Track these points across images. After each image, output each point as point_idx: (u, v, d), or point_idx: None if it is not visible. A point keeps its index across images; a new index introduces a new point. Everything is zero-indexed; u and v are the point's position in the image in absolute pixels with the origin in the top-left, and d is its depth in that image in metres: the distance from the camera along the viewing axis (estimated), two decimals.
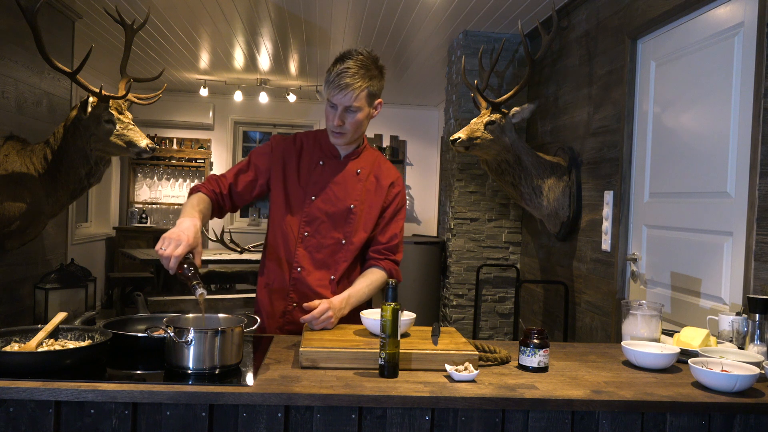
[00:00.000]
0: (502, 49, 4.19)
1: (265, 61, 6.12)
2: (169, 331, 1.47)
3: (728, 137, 2.51)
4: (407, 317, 1.78)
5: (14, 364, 1.42)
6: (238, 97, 7.38)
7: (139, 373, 1.54)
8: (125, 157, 6.19)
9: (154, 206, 8.08)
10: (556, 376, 1.61)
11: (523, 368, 1.65)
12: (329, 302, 1.87)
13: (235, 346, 1.52)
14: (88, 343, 1.60)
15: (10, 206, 3.46)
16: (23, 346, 1.55)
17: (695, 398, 1.46)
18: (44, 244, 4.33)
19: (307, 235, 2.02)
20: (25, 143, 3.71)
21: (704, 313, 2.58)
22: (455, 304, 4.96)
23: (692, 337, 1.87)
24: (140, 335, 1.63)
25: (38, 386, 1.33)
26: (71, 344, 1.60)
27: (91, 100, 3.35)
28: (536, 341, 1.64)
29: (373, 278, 2.03)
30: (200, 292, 1.60)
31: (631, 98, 3.29)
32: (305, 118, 8.21)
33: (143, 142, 3.42)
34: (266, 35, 5.20)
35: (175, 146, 7.93)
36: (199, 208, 1.87)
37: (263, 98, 7.22)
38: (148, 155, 3.46)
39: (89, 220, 7.12)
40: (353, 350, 1.61)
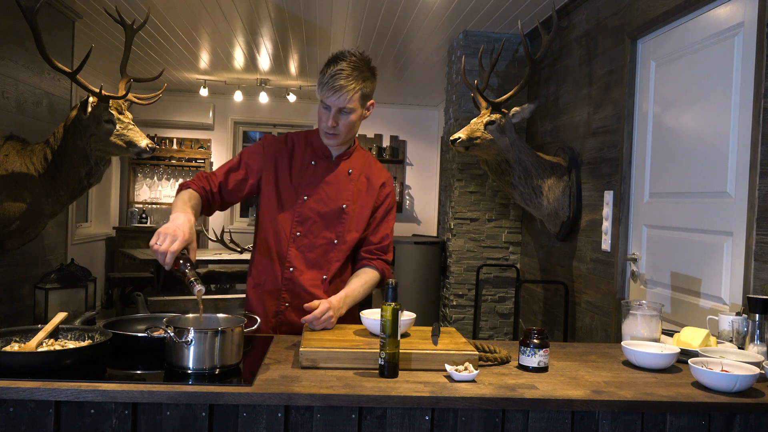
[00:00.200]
0: (502, 49, 4.18)
1: (265, 61, 6.11)
2: (169, 331, 1.47)
3: (728, 137, 2.51)
4: (407, 317, 1.78)
5: (14, 364, 1.42)
6: (238, 97, 7.38)
7: (139, 373, 1.53)
8: (125, 157, 6.19)
9: (154, 206, 8.07)
10: (556, 376, 1.61)
11: (523, 368, 1.65)
12: (329, 302, 1.87)
13: (235, 346, 1.52)
14: (88, 343, 1.60)
15: (10, 206, 3.46)
16: (23, 346, 1.55)
17: (695, 398, 1.46)
18: (44, 244, 4.33)
19: (299, 234, 2.02)
20: (25, 143, 3.71)
21: (704, 313, 2.58)
22: (455, 304, 4.96)
23: (692, 337, 1.87)
24: (140, 335, 1.63)
25: (38, 386, 1.33)
26: (71, 344, 1.60)
27: (91, 100, 3.35)
28: (536, 341, 1.64)
29: (366, 278, 2.03)
30: (198, 288, 1.59)
31: (631, 98, 3.29)
32: (305, 118, 8.21)
33: (143, 142, 3.42)
34: (266, 35, 5.20)
35: (175, 146, 7.93)
36: (190, 203, 1.85)
37: (263, 98, 7.22)
38: (148, 155, 3.46)
39: (89, 220, 7.12)
40: (353, 350, 1.61)
